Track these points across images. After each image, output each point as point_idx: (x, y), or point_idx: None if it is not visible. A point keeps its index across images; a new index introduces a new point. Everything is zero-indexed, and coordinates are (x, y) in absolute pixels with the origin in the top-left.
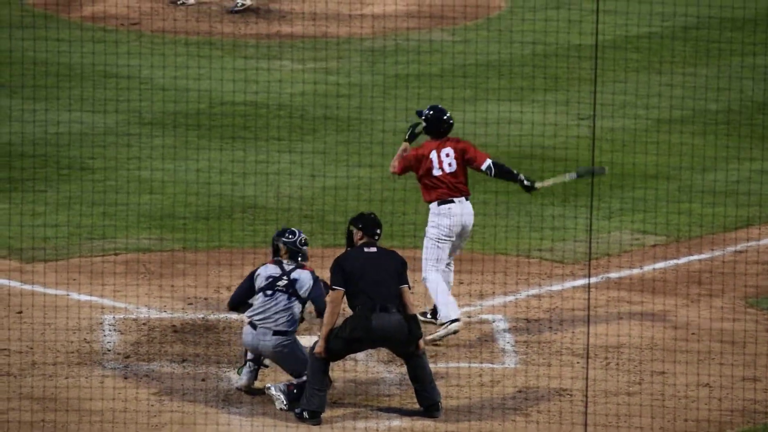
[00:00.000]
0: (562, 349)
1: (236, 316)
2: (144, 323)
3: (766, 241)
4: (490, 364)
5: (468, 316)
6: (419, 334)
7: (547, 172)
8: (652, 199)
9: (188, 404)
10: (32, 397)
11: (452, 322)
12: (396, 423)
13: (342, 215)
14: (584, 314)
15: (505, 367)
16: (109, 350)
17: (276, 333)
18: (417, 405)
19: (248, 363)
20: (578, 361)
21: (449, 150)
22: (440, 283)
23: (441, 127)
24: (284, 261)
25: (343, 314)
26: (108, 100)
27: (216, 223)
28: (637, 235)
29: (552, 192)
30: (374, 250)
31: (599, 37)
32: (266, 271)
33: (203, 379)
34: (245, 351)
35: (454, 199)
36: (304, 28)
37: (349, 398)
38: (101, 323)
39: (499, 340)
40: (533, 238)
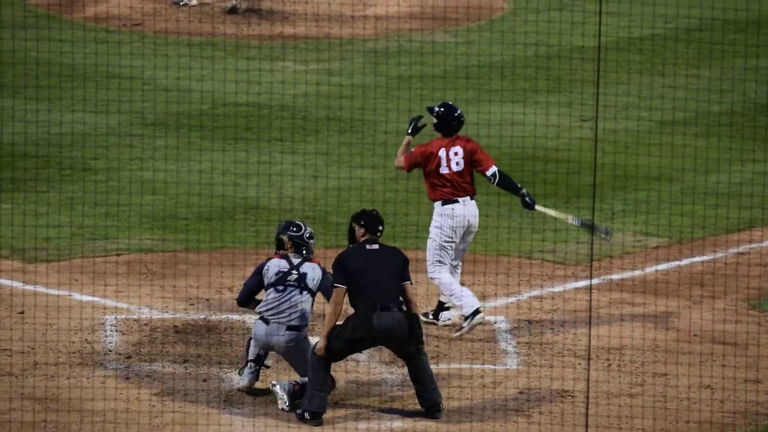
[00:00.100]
0: (563, 350)
1: (238, 316)
2: (146, 324)
3: None
4: (492, 366)
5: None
6: (420, 334)
7: (549, 174)
8: (655, 200)
9: (190, 405)
10: (34, 398)
11: (475, 313)
12: (397, 424)
13: (344, 216)
14: (586, 316)
15: (507, 369)
16: (111, 351)
17: (289, 328)
18: (418, 406)
19: (249, 363)
20: (580, 363)
21: (458, 149)
22: (452, 282)
23: (451, 124)
24: (290, 255)
25: (344, 313)
26: (110, 100)
27: (218, 224)
28: (640, 237)
29: (555, 194)
30: (376, 247)
31: (602, 39)
32: (275, 266)
33: (205, 380)
34: (247, 351)
35: (459, 199)
36: (306, 29)
37: (350, 399)
38: (103, 324)
39: (501, 341)
40: (535, 239)
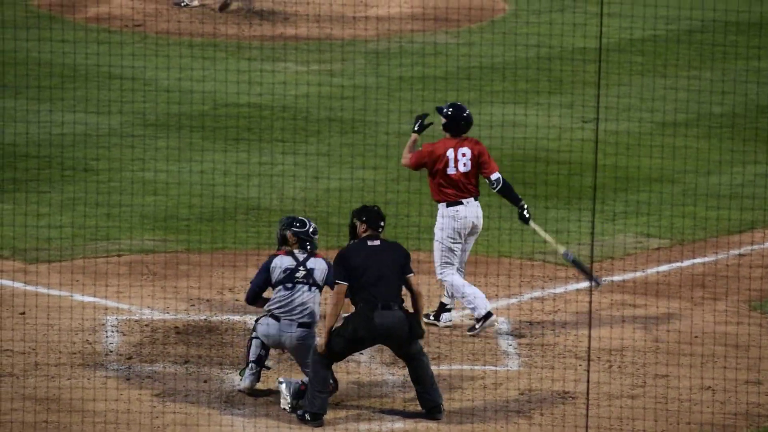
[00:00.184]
0: (564, 351)
1: (238, 317)
2: (146, 324)
3: None
4: (493, 367)
5: (470, 319)
6: (420, 333)
7: (550, 175)
8: (656, 202)
9: (191, 406)
10: (35, 398)
11: (488, 316)
12: (398, 425)
13: (345, 217)
14: (587, 317)
15: (508, 370)
16: (112, 351)
17: (300, 325)
18: (419, 407)
19: (251, 365)
20: (581, 364)
21: (466, 150)
22: (464, 284)
23: (459, 124)
24: (295, 251)
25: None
26: (112, 101)
27: (219, 225)
28: (641, 238)
29: (556, 195)
30: (378, 243)
31: (603, 40)
32: (282, 263)
33: (206, 381)
34: (248, 352)
35: (463, 201)
36: (308, 30)
37: (351, 400)
38: (104, 324)
39: (502, 342)
40: (536, 240)
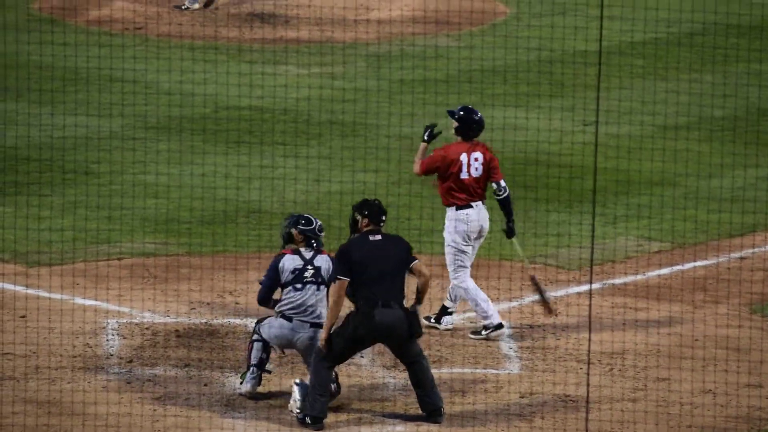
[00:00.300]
0: (565, 355)
1: (239, 320)
2: (147, 328)
3: None
4: (494, 370)
5: (471, 322)
6: (419, 332)
7: (551, 179)
8: (657, 205)
9: (191, 409)
10: (35, 401)
11: (499, 327)
12: (399, 428)
13: (346, 221)
14: (587, 320)
15: (509, 373)
16: (112, 355)
17: (313, 325)
18: (419, 410)
19: (252, 368)
20: (581, 367)
21: (479, 155)
22: (477, 291)
23: (471, 127)
24: (301, 249)
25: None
26: (113, 104)
27: (220, 228)
28: (641, 242)
29: (557, 198)
30: (379, 238)
31: (604, 43)
32: (289, 263)
33: (206, 384)
34: (249, 356)
35: (472, 204)
36: (309, 33)
37: (352, 403)
38: (104, 327)
39: (503, 345)
40: (537, 244)
